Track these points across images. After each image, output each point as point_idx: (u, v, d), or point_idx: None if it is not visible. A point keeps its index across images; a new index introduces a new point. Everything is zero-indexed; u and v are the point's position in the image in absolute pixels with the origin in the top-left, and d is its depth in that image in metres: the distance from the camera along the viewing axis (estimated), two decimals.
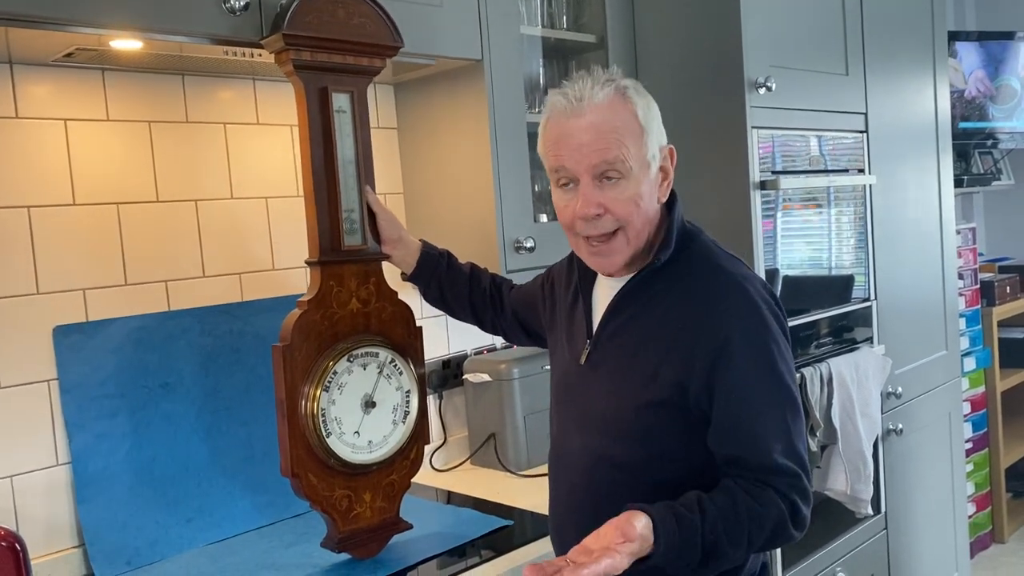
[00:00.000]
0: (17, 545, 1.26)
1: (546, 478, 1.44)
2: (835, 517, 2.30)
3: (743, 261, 1.30)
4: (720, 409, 1.19)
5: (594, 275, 1.36)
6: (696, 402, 1.20)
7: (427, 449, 2.03)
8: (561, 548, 1.39)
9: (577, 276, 1.39)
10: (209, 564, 1.58)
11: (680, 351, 1.19)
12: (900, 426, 2.52)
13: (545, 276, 1.55)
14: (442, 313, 1.72)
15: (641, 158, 1.21)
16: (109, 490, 1.59)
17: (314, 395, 1.43)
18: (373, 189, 1.54)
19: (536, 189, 1.97)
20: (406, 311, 1.58)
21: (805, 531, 1.23)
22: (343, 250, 1.49)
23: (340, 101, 1.49)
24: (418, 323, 1.61)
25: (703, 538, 1.12)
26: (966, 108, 3.67)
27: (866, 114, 2.42)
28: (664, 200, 1.27)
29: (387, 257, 1.57)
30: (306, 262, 1.50)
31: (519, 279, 1.81)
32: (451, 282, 1.61)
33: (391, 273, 1.60)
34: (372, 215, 1.54)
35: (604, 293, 1.32)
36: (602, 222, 1.22)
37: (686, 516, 1.12)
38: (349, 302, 1.50)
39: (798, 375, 2.09)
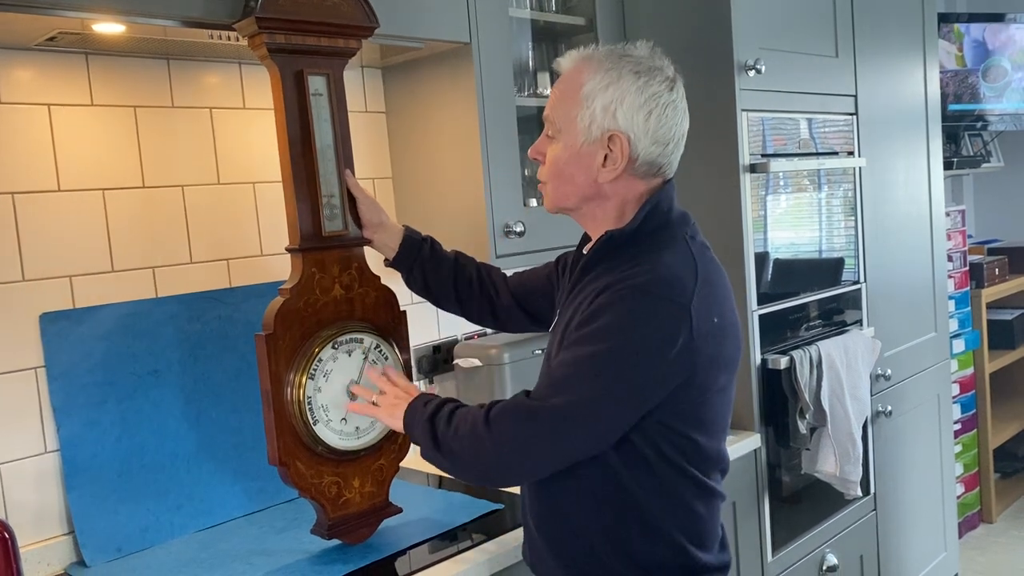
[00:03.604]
0: (5, 533, 1.26)
1: None
2: (824, 499, 2.32)
3: (699, 263, 1.24)
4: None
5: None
6: None
7: None
8: (523, 523, 1.41)
9: (577, 255, 1.40)
10: (200, 551, 1.59)
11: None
12: (889, 408, 2.54)
13: (558, 260, 1.55)
14: None
15: (571, 127, 1.27)
16: (98, 477, 1.59)
17: (299, 383, 1.43)
18: (353, 173, 1.53)
19: (526, 173, 1.96)
20: (390, 296, 1.58)
21: (497, 447, 1.23)
22: (324, 236, 1.48)
23: (316, 84, 1.47)
24: (408, 308, 1.61)
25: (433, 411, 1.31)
26: (959, 87, 3.67)
27: (856, 96, 2.42)
28: (606, 180, 1.27)
29: (368, 242, 1.56)
30: (287, 249, 1.49)
31: (509, 264, 1.81)
32: (434, 267, 1.60)
33: (375, 260, 1.60)
34: (352, 200, 1.53)
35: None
36: (541, 171, 1.34)
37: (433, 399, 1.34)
38: (332, 288, 1.50)
39: (786, 358, 2.10)
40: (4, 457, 1.53)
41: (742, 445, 2.05)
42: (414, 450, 1.67)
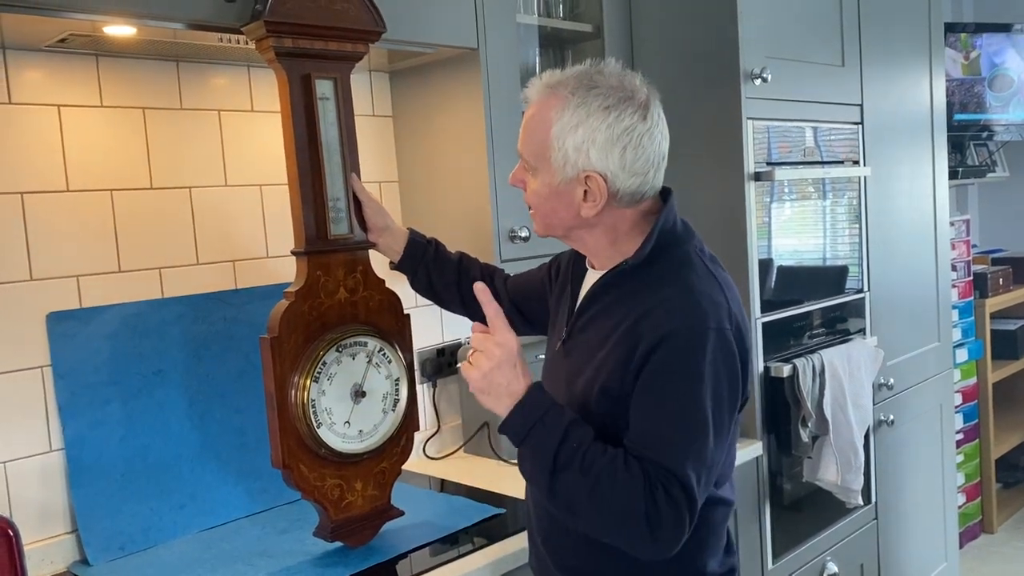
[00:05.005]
0: (10, 531, 1.27)
1: None
2: (825, 507, 2.31)
3: (720, 280, 1.25)
4: (633, 409, 1.18)
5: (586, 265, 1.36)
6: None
7: (421, 437, 2.05)
8: (528, 534, 1.40)
9: (572, 264, 1.40)
10: (202, 551, 1.59)
11: (627, 352, 1.18)
12: (891, 417, 2.54)
13: (551, 263, 1.54)
14: None
15: (546, 166, 1.23)
16: (103, 476, 1.60)
17: (303, 385, 1.43)
18: (359, 176, 1.54)
19: None
20: (394, 299, 1.58)
21: (666, 548, 1.14)
22: (329, 239, 1.49)
23: (323, 88, 1.48)
24: (412, 311, 1.61)
25: (562, 438, 1.15)
26: (965, 96, 3.67)
27: (861, 106, 2.42)
28: (590, 215, 1.24)
29: (373, 245, 1.57)
30: (292, 252, 1.49)
31: (514, 268, 1.82)
32: (439, 270, 1.60)
33: (380, 263, 1.60)
34: (358, 203, 1.53)
35: (588, 285, 1.33)
36: (526, 197, 1.32)
37: (559, 411, 1.18)
38: (336, 292, 1.50)
39: (789, 366, 2.10)
40: (9, 455, 1.54)
41: (744, 452, 2.05)
42: (416, 453, 1.68)
